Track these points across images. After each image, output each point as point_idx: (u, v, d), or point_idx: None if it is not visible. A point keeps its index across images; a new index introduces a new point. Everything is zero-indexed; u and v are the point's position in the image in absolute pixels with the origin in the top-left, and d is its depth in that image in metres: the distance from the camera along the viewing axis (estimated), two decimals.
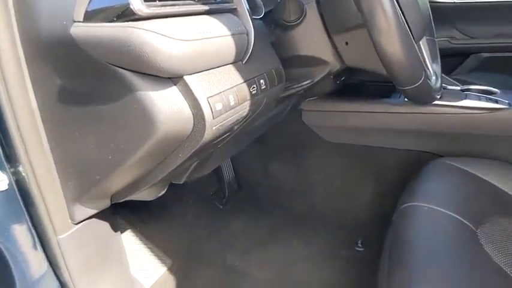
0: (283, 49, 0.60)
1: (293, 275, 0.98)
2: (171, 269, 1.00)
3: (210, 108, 0.42)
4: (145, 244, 1.02)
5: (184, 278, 0.99)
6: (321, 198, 1.16)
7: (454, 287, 0.52)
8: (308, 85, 0.65)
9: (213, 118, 0.42)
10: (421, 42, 0.72)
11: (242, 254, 1.06)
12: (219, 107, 0.43)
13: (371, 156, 1.05)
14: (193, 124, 0.42)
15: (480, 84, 0.99)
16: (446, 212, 0.69)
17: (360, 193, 1.09)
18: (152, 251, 1.02)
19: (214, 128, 0.43)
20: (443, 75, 1.08)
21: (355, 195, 1.10)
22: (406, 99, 0.98)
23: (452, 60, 1.73)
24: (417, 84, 0.53)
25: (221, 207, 1.25)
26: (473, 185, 0.78)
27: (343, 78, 1.08)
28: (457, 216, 0.68)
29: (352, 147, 1.08)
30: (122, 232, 0.99)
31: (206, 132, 0.43)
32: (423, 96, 0.59)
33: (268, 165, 1.24)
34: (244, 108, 0.48)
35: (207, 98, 0.42)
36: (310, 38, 0.60)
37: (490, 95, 0.95)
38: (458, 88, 1.00)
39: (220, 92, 0.43)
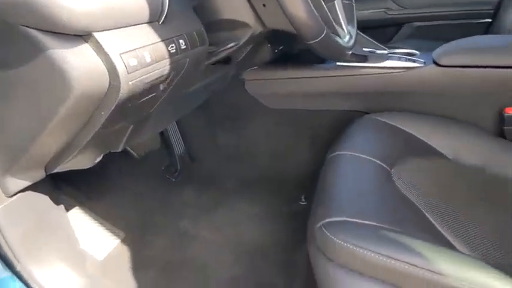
0: (205, 13, 0.66)
1: (242, 234, 1.08)
2: (124, 241, 1.06)
3: (123, 64, 0.45)
4: (95, 220, 1.07)
5: (137, 249, 1.04)
6: (266, 162, 1.25)
7: (366, 213, 0.62)
8: (233, 48, 0.71)
9: (128, 73, 0.46)
10: (336, 4, 0.81)
11: (193, 221, 1.14)
12: (133, 62, 0.46)
13: (309, 119, 1.16)
14: (109, 80, 0.46)
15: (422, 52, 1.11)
16: (366, 157, 0.80)
17: (300, 153, 1.19)
18: (103, 226, 1.07)
19: (130, 83, 0.47)
20: (373, 40, 1.20)
21: (296, 155, 1.20)
22: (337, 64, 1.09)
23: (389, 30, 1.88)
24: (319, 39, 0.61)
25: (173, 180, 1.30)
26: (391, 134, 0.90)
27: (281, 47, 1.16)
28: (375, 160, 0.79)
29: (292, 112, 1.18)
30: (68, 208, 1.02)
31: (122, 87, 0.46)
32: (329, 51, 0.67)
33: (217, 135, 1.31)
34: (164, 67, 0.52)
35: (120, 54, 0.45)
36: (230, 2, 0.66)
37: (410, 56, 1.08)
38: (385, 52, 1.12)
39: (134, 49, 0.47)
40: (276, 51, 1.15)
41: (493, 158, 0.89)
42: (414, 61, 1.03)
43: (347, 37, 0.80)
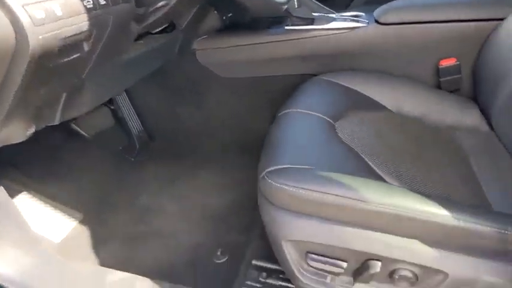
0: None
1: (205, 203, 1.12)
2: (82, 222, 1.07)
3: (27, 15, 0.45)
4: (50, 204, 1.07)
5: (97, 227, 1.06)
6: (225, 133, 1.29)
7: (306, 160, 0.67)
8: (166, 9, 0.73)
9: (35, 25, 0.45)
10: None
11: (154, 195, 1.17)
12: (40, 15, 0.46)
13: (264, 86, 1.20)
14: (14, 32, 0.45)
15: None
16: (311, 113, 0.85)
17: (258, 120, 1.23)
18: (59, 209, 1.07)
19: (41, 37, 0.47)
20: (322, 5, 1.24)
21: (254, 122, 1.24)
22: (286, 28, 1.13)
23: None
24: None
25: (132, 159, 1.32)
26: (337, 92, 0.96)
27: (229, 14, 1.19)
28: (320, 115, 0.85)
29: (246, 80, 1.21)
30: (17, 194, 1.02)
31: (31, 41, 0.45)
32: (261, 6, 0.71)
33: (174, 110, 1.33)
34: (81, 22, 0.52)
35: (22, 5, 0.45)
36: None
37: (357, 17, 1.13)
38: (334, 15, 1.17)
39: (41, 1, 0.47)
40: (225, 18, 1.17)
41: (431, 108, 0.97)
42: (358, 21, 1.08)
43: None
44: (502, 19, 0.94)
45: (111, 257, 0.97)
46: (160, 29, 0.96)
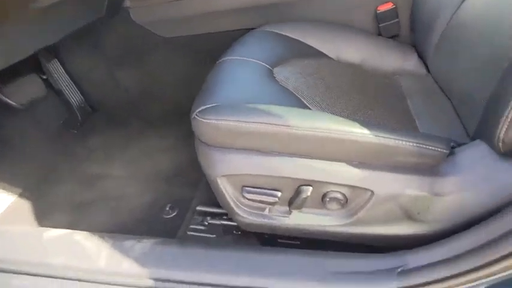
0: None
1: (153, 165, 1.12)
2: (23, 194, 1.06)
3: None
4: None
5: (39, 198, 1.05)
6: (169, 95, 1.28)
7: (238, 98, 0.69)
8: None
9: None
10: None
11: (102, 163, 1.16)
12: None
13: (206, 43, 1.19)
14: None
15: None
16: (249, 59, 0.87)
17: (202, 79, 1.23)
18: None
19: None
20: None
21: (198, 81, 1.24)
22: None
23: None
24: None
25: (75, 131, 1.29)
26: (277, 41, 0.98)
27: None
28: (257, 61, 0.87)
29: (187, 38, 1.20)
30: None
31: None
32: None
33: (114, 76, 1.30)
34: None
35: None
36: None
37: None
38: None
39: None
40: None
41: (370, 54, 1.01)
42: None
43: None
44: None
45: (54, 224, 0.96)
46: None
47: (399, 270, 0.54)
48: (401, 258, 0.56)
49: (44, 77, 1.28)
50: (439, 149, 0.58)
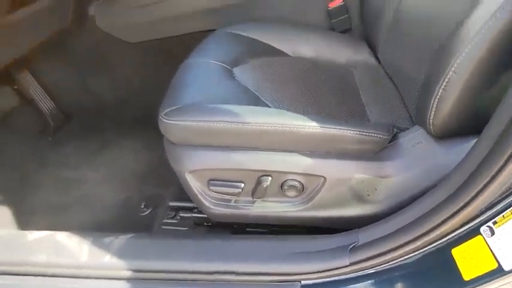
0: None
1: (127, 166, 1.13)
2: (1, 201, 1.03)
3: None
4: None
5: (19, 203, 1.03)
6: (142, 99, 1.27)
7: (199, 99, 0.70)
8: None
9: None
10: None
11: (77, 167, 1.15)
12: None
13: (171, 46, 1.19)
14: None
15: None
16: (210, 61, 0.88)
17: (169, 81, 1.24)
18: None
19: None
20: None
21: (166, 84, 1.24)
22: None
23: None
24: None
25: (50, 139, 1.27)
26: (237, 41, 0.99)
27: None
28: (218, 62, 0.88)
29: (153, 42, 1.20)
30: None
31: None
32: None
33: (85, 83, 1.28)
34: None
35: None
36: None
37: None
38: None
39: None
40: None
41: (324, 49, 1.03)
42: None
43: None
44: None
45: (35, 228, 0.95)
46: None
47: (351, 247, 0.57)
48: (353, 236, 0.59)
49: (16, 87, 1.25)
50: (380, 136, 0.61)
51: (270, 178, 0.64)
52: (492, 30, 0.48)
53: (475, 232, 0.49)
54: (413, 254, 0.52)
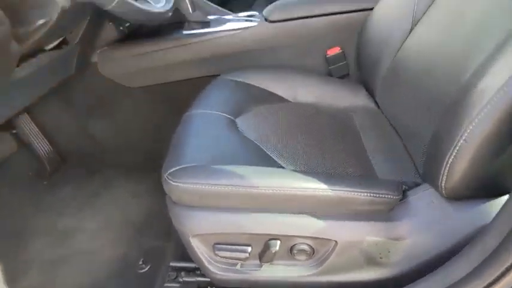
0: None
1: (126, 214, 1.09)
2: None
3: None
4: None
5: (12, 256, 0.98)
6: (139, 142, 1.25)
7: (203, 158, 0.68)
8: (48, 26, 0.69)
9: None
10: None
11: (73, 215, 1.11)
12: None
13: (171, 91, 1.19)
14: None
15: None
16: (213, 112, 0.87)
17: (169, 126, 1.21)
18: None
19: None
20: (219, 8, 1.26)
21: (166, 129, 1.22)
22: (184, 32, 1.13)
23: None
24: (113, 4, 0.64)
25: (45, 182, 1.23)
26: (238, 89, 0.99)
27: (127, 24, 1.15)
28: (221, 113, 0.87)
29: (153, 87, 1.19)
30: None
31: None
32: (137, 16, 0.71)
33: (85, 127, 1.26)
34: None
35: None
36: None
37: (251, 17, 1.17)
38: (229, 16, 1.19)
39: None
40: (122, 28, 1.14)
41: (324, 94, 1.03)
42: (251, 21, 1.12)
43: (162, 3, 0.84)
44: (371, 9, 1.03)
45: (29, 284, 0.90)
46: (54, 44, 0.91)
47: None
48: None
49: (14, 131, 1.22)
50: (390, 196, 0.59)
51: (278, 242, 0.61)
52: (505, 99, 0.47)
53: None
54: None
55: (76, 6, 0.70)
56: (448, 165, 0.52)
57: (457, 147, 0.51)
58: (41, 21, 0.67)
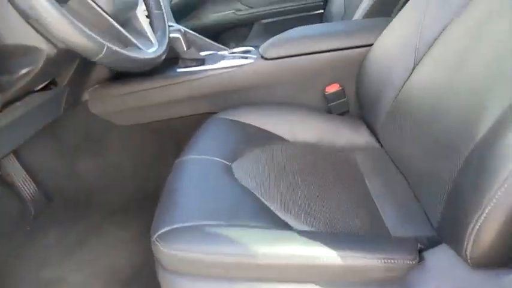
0: None
1: (114, 262, 1.01)
2: None
3: None
4: None
5: None
6: (129, 183, 1.19)
7: (196, 216, 0.62)
8: (33, 73, 0.65)
9: None
10: (138, 16, 0.80)
11: (57, 264, 1.02)
12: None
13: (163, 129, 1.14)
14: None
15: (258, 46, 1.15)
16: (208, 157, 0.81)
17: (161, 165, 1.15)
18: None
19: None
20: (214, 43, 1.22)
21: (157, 168, 1.16)
22: (178, 70, 1.08)
23: (242, 29, 1.96)
24: (101, 55, 0.59)
25: (28, 228, 1.15)
26: (234, 130, 0.93)
27: None
28: (216, 158, 0.81)
29: (145, 125, 1.14)
30: None
31: None
32: (126, 64, 0.66)
33: (72, 166, 1.20)
34: None
35: None
36: (7, 24, 0.60)
37: (246, 53, 1.13)
38: (225, 53, 1.15)
39: None
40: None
41: (324, 133, 0.98)
42: (247, 58, 1.08)
43: (154, 47, 0.80)
44: (371, 45, 1.00)
45: None
46: (42, 85, 0.86)
47: None
48: None
49: None
50: (407, 262, 0.53)
51: None
52: None
53: None
54: None
55: (62, 52, 0.65)
56: (474, 232, 0.46)
57: (486, 212, 0.45)
58: (24, 71, 0.63)
